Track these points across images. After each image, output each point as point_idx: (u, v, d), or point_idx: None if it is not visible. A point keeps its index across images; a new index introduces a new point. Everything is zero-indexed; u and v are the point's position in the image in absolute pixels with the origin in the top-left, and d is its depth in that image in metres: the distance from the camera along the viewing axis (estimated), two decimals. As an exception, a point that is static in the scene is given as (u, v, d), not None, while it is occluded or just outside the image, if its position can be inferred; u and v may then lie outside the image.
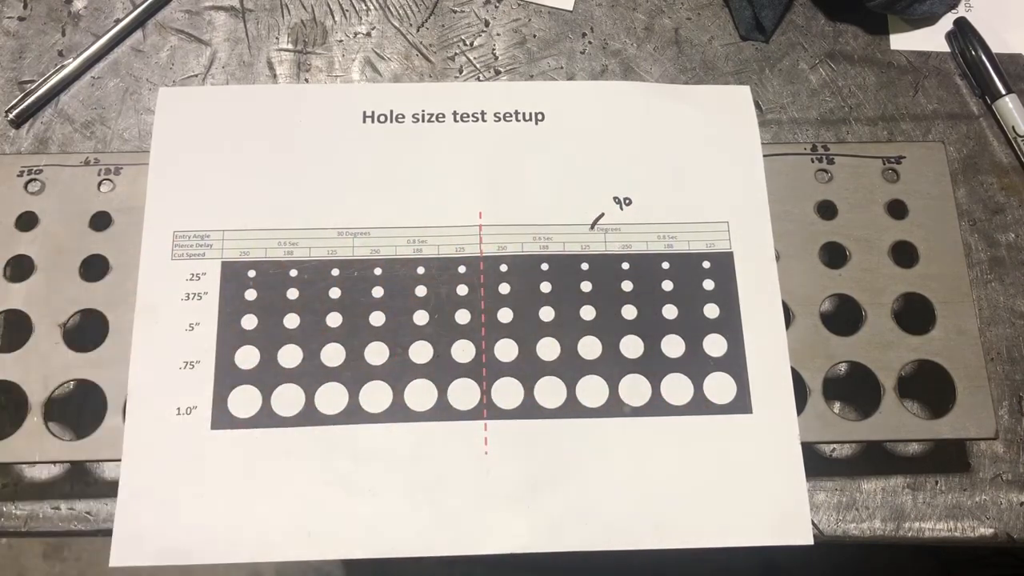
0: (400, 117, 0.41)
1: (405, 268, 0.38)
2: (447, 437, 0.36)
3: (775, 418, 0.37)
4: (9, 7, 0.48)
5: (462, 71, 0.47)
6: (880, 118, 0.46)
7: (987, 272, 0.44)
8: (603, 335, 0.38)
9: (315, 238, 0.39)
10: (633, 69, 0.47)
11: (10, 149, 0.45)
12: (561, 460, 0.36)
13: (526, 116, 0.42)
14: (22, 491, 0.39)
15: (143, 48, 0.47)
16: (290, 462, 0.35)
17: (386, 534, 0.35)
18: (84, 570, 0.98)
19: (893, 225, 0.40)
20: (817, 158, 0.41)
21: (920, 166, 0.41)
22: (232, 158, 0.40)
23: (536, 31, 0.48)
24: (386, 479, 0.35)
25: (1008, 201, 0.45)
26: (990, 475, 0.40)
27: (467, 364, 0.37)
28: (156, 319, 0.37)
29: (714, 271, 0.39)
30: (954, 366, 0.37)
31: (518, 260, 0.39)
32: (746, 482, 0.36)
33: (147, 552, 0.34)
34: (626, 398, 0.37)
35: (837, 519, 0.40)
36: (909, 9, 0.47)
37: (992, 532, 0.40)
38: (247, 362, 0.37)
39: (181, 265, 0.38)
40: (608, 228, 0.40)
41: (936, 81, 0.47)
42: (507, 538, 0.35)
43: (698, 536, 0.35)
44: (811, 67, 0.47)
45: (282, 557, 0.34)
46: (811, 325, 0.38)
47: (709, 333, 0.38)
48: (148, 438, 0.35)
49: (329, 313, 0.38)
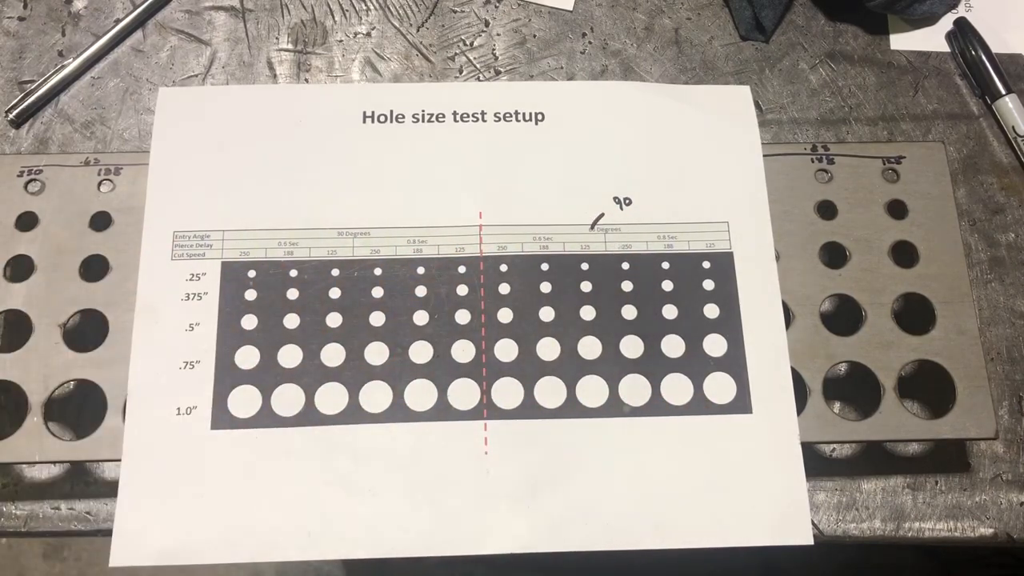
0: (400, 117, 0.41)
1: (405, 268, 0.38)
2: (447, 437, 0.36)
3: (775, 418, 0.37)
4: (9, 7, 0.48)
5: (462, 71, 0.47)
6: (880, 118, 0.46)
7: (987, 272, 0.44)
8: (603, 335, 0.38)
9: (315, 238, 0.39)
10: (633, 69, 0.47)
11: (10, 149, 0.45)
12: (561, 460, 0.36)
13: (526, 116, 0.42)
14: (22, 491, 0.39)
15: (143, 48, 0.47)
16: (290, 462, 0.35)
17: (386, 534, 0.35)
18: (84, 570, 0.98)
19: (893, 225, 0.40)
20: (817, 158, 0.41)
21: (920, 166, 0.41)
22: (232, 158, 0.40)
23: (536, 31, 0.48)
24: (386, 479, 0.35)
25: (1008, 201, 0.45)
26: (990, 475, 0.40)
27: (467, 364, 0.37)
28: (156, 319, 0.37)
29: (714, 271, 0.39)
30: (954, 366, 0.37)
31: (518, 260, 0.39)
32: (746, 482, 0.36)
33: (147, 552, 0.34)
34: (626, 398, 0.37)
35: (837, 519, 0.40)
36: (909, 9, 0.47)
37: (992, 532, 0.40)
38: (247, 362, 0.37)
39: (181, 265, 0.38)
40: (608, 228, 0.40)
41: (936, 81, 0.47)
42: (507, 538, 0.35)
43: (698, 536, 0.35)
44: (811, 67, 0.47)
45: (282, 557, 0.34)
46: (811, 325, 0.38)
47: (709, 333, 0.38)
48: (148, 438, 0.35)
49: (329, 313, 0.38)
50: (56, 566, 0.98)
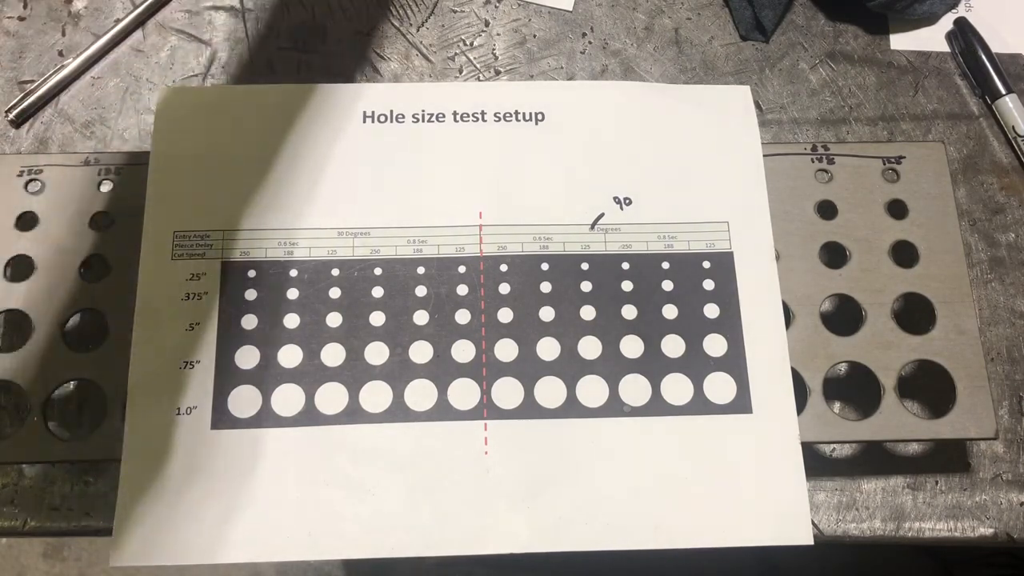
0: (400, 117, 0.41)
1: (405, 268, 0.38)
2: (447, 437, 0.36)
3: (775, 418, 0.37)
4: (9, 7, 0.48)
5: (462, 71, 0.47)
6: (880, 118, 0.46)
7: (987, 272, 0.44)
8: (603, 335, 0.38)
9: (315, 238, 0.39)
10: (633, 69, 0.47)
11: (10, 149, 0.45)
12: (561, 460, 0.36)
13: (526, 116, 0.42)
14: (22, 491, 0.39)
15: (143, 48, 0.47)
16: (290, 462, 0.35)
17: (386, 534, 0.35)
18: (84, 570, 0.98)
19: (893, 225, 0.40)
20: (817, 158, 0.41)
21: (920, 166, 0.41)
22: (232, 158, 0.40)
23: (536, 31, 0.48)
24: (386, 479, 0.35)
25: (1008, 201, 0.45)
26: (990, 475, 0.40)
27: (467, 364, 0.37)
28: (156, 319, 0.37)
29: (714, 271, 0.39)
30: (954, 366, 0.37)
31: (518, 260, 0.39)
32: (746, 482, 0.36)
33: (147, 552, 0.34)
34: (626, 398, 0.37)
35: (837, 519, 0.40)
36: (909, 9, 0.47)
37: (992, 532, 0.40)
38: (247, 362, 0.37)
39: (181, 265, 0.38)
40: (608, 228, 0.40)
41: (936, 81, 0.47)
42: (507, 538, 0.35)
43: (698, 536, 0.35)
44: (811, 67, 0.47)
45: (282, 557, 0.34)
46: (811, 325, 0.38)
47: (709, 333, 0.38)
48: (148, 438, 0.35)
49: (329, 313, 0.38)
50: (56, 566, 0.97)
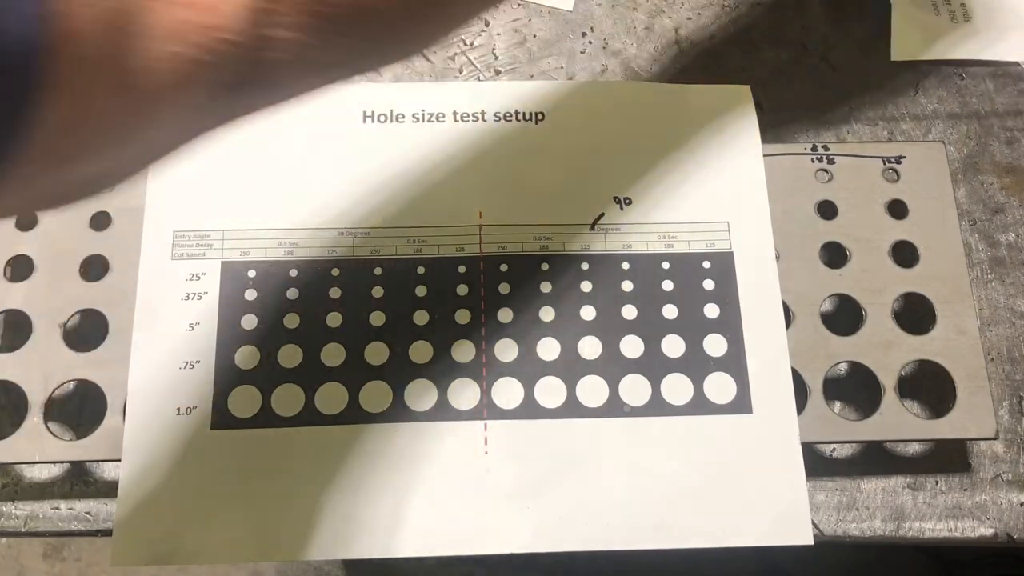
0: (400, 117, 0.41)
1: (405, 268, 0.38)
2: (447, 437, 0.36)
3: (775, 418, 0.37)
4: (9, 7, 0.48)
5: (462, 71, 0.47)
6: (880, 118, 0.46)
7: (987, 272, 0.44)
8: (603, 335, 0.38)
9: (315, 238, 0.39)
10: (633, 69, 0.47)
11: (10, 149, 0.45)
12: (561, 460, 0.36)
13: (526, 116, 0.42)
14: (22, 491, 0.39)
15: (143, 48, 0.47)
16: (290, 462, 0.35)
17: (386, 534, 0.35)
18: (84, 570, 0.98)
19: (893, 225, 0.40)
20: (817, 158, 0.41)
21: (920, 166, 0.41)
22: (232, 158, 0.40)
23: (536, 31, 0.48)
24: (386, 479, 0.35)
25: (1008, 201, 0.45)
26: (990, 475, 0.40)
27: (467, 364, 0.37)
28: (156, 319, 0.37)
29: (714, 271, 0.39)
30: (954, 366, 0.37)
31: (518, 260, 0.39)
32: (746, 482, 0.36)
33: (147, 552, 0.34)
34: (626, 398, 0.37)
35: (837, 519, 0.40)
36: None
37: (992, 532, 0.40)
38: (247, 362, 0.37)
39: (181, 265, 0.38)
40: (608, 228, 0.40)
41: (936, 81, 0.47)
42: (507, 538, 0.35)
43: (698, 536, 0.35)
44: (811, 67, 0.47)
45: (282, 557, 0.34)
46: (811, 325, 0.38)
47: (709, 333, 0.38)
48: (148, 438, 0.35)
49: (329, 313, 0.38)
50: (56, 566, 0.97)
